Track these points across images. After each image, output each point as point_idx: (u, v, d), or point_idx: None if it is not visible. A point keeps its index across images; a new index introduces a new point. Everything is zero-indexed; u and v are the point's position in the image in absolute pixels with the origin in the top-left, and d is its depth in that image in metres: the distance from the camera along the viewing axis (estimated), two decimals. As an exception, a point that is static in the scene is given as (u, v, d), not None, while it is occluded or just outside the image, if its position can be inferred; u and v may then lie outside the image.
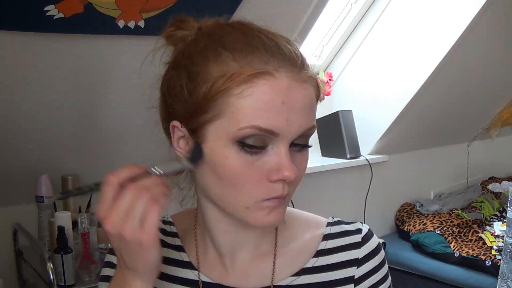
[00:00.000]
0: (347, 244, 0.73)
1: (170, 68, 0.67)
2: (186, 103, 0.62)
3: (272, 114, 0.58)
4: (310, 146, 0.65)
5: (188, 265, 0.74)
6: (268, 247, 0.73)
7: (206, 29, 0.66)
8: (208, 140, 0.61)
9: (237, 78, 0.58)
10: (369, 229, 0.76)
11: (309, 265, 0.72)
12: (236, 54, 0.59)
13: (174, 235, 0.76)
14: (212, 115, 0.60)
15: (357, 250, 0.73)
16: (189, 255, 0.74)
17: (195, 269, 0.73)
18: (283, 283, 0.71)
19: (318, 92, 0.65)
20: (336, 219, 0.77)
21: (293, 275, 0.72)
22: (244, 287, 0.71)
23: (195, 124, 0.62)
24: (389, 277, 0.76)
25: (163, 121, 0.68)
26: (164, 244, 0.75)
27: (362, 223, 0.76)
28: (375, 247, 0.74)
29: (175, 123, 0.64)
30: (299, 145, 0.63)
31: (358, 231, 0.74)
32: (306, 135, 0.63)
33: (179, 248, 0.75)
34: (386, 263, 0.76)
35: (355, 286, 0.72)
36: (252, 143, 0.59)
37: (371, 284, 0.73)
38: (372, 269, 0.73)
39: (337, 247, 0.73)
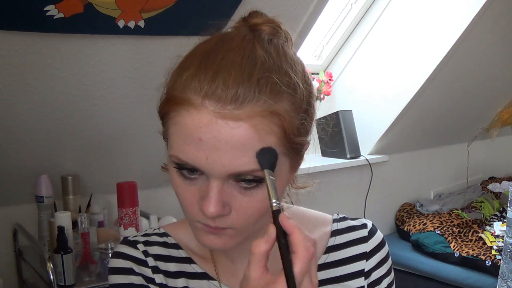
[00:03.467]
0: (355, 239, 0.76)
1: None
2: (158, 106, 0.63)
3: (191, 149, 0.56)
4: (261, 182, 0.57)
5: (204, 276, 0.72)
6: (275, 246, 0.74)
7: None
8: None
9: (169, 104, 0.58)
10: (373, 224, 0.78)
11: (320, 261, 0.73)
12: (184, 75, 0.57)
13: (176, 246, 0.73)
14: (165, 130, 0.61)
15: (365, 244, 0.75)
16: (201, 265, 0.72)
17: (213, 279, 0.71)
18: None
19: (276, 129, 0.56)
20: (341, 215, 0.79)
21: None
22: None
23: (163, 127, 0.63)
24: (392, 270, 0.79)
25: None
26: (171, 258, 0.72)
27: (365, 218, 0.79)
28: (381, 241, 0.77)
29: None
30: (250, 181, 0.57)
31: (364, 225, 0.77)
32: (248, 176, 0.56)
33: (189, 260, 0.73)
34: (390, 256, 0.78)
35: (365, 279, 0.74)
36: (185, 170, 0.58)
37: (379, 276, 0.75)
38: (379, 261, 0.76)
39: (345, 242, 0.75)
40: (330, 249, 0.75)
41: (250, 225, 0.60)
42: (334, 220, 0.78)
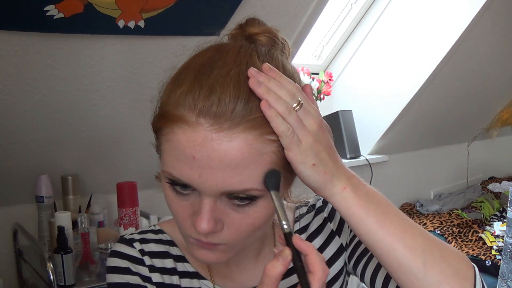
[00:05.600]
0: (314, 213, 0.79)
1: None
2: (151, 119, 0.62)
3: (184, 167, 0.55)
4: (253, 199, 0.57)
5: (195, 275, 0.72)
6: (268, 249, 0.75)
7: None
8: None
9: (163, 120, 0.57)
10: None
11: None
12: (178, 90, 0.56)
13: (171, 243, 0.73)
14: (158, 145, 0.60)
15: (323, 212, 0.79)
16: (194, 265, 0.72)
17: (204, 279, 0.72)
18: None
19: (271, 149, 0.56)
20: (303, 200, 0.80)
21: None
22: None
23: (156, 141, 0.62)
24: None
25: None
26: (167, 255, 0.72)
27: None
28: None
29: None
30: (243, 198, 0.57)
31: (318, 197, 0.80)
32: (241, 194, 0.56)
33: (182, 259, 0.73)
34: None
35: (339, 237, 0.77)
36: (178, 186, 0.58)
37: (338, 222, 0.78)
38: (340, 219, 0.78)
39: (309, 222, 0.78)
40: (299, 232, 0.77)
41: (243, 240, 0.61)
42: (297, 208, 0.80)
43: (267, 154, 0.56)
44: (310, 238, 0.77)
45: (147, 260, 0.70)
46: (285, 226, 0.55)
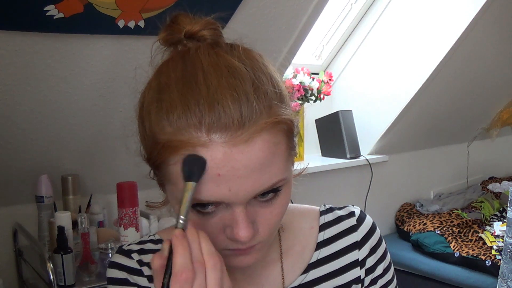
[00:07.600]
0: (344, 230, 0.75)
1: (138, 107, 0.65)
2: (145, 155, 0.61)
3: (210, 186, 0.53)
4: (279, 190, 0.58)
5: None
6: (274, 254, 0.73)
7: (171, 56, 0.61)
8: (167, 196, 0.61)
9: (167, 151, 0.54)
10: (361, 210, 0.77)
11: (313, 259, 0.73)
12: (171, 116, 0.54)
13: None
14: (162, 178, 0.60)
15: (355, 234, 0.74)
16: None
17: None
18: (295, 283, 0.72)
19: (281, 134, 0.56)
20: (327, 206, 0.78)
21: (302, 274, 0.72)
22: None
23: (155, 175, 0.61)
24: (388, 254, 0.77)
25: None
26: None
27: (353, 205, 0.78)
28: (371, 227, 0.76)
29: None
30: (268, 193, 0.57)
31: (352, 214, 0.76)
32: (268, 191, 0.56)
33: None
34: (383, 240, 0.77)
35: (361, 268, 0.73)
36: (200, 207, 0.56)
37: (373, 262, 0.74)
38: (372, 248, 0.75)
39: (335, 235, 0.74)
40: (321, 245, 0.74)
41: (274, 232, 0.62)
42: (321, 213, 0.76)
43: (280, 143, 0.56)
44: (331, 257, 0.74)
45: (146, 270, 0.70)
46: (181, 221, 0.53)
